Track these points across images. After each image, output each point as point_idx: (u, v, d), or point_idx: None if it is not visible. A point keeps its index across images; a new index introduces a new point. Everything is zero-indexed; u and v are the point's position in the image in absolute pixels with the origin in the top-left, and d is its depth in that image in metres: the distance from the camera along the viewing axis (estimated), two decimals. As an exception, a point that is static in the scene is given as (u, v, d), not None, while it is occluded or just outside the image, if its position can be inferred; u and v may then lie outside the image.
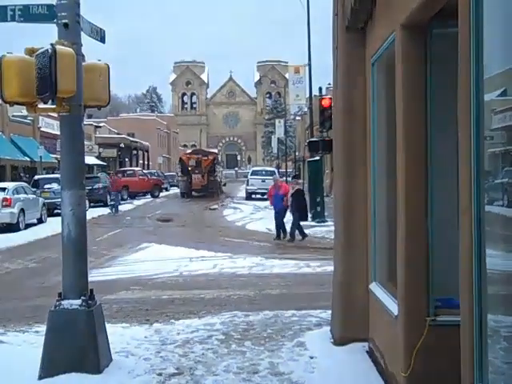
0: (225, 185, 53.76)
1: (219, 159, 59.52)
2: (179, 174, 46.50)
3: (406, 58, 5.28)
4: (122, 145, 60.05)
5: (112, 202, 32.58)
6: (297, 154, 68.36)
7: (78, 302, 6.09)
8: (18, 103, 6.30)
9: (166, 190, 54.34)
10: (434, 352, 5.06)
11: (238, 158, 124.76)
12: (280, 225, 19.97)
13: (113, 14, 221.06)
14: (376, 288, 6.67)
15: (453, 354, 4.07)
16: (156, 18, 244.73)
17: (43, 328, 6.77)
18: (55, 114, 6.44)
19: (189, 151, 51.50)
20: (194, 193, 43.23)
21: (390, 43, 5.84)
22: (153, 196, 45.18)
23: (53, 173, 36.43)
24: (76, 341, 6.05)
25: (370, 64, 6.86)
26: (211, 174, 44.19)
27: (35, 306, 10.30)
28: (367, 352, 6.93)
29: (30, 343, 7.66)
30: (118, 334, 7.93)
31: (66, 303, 6.12)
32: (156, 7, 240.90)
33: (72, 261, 6.23)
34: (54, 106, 6.20)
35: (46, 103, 6.18)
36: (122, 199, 39.26)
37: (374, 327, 6.86)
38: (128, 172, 46.78)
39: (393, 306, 5.72)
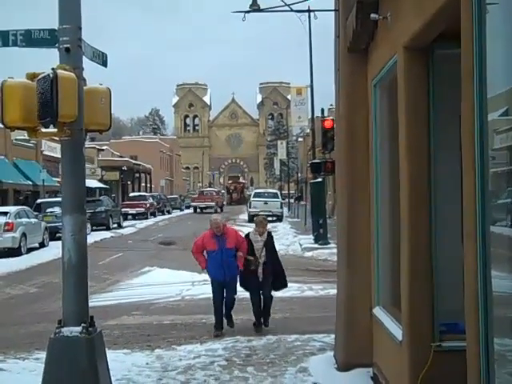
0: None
1: (247, 185, 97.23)
2: (225, 193, 79.15)
3: (408, 79, 5.26)
4: (125, 168, 60.12)
5: None
6: (299, 175, 68.36)
7: (78, 329, 5.99)
8: (19, 128, 6.27)
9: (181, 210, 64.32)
10: (440, 378, 4.96)
11: (241, 179, 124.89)
12: (230, 305, 10.20)
13: (115, 37, 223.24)
14: (380, 312, 6.58)
15: (459, 381, 3.98)
16: (158, 42, 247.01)
17: (43, 355, 6.66)
18: (57, 138, 6.39)
19: (230, 181, 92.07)
20: (232, 203, 72.67)
21: (392, 65, 5.83)
22: (222, 209, 56.50)
23: (55, 196, 36.40)
24: (76, 369, 5.94)
25: (372, 85, 6.84)
26: (242, 193, 77.74)
27: (36, 333, 10.20)
28: (372, 378, 6.82)
29: (30, 370, 7.58)
30: (119, 361, 7.84)
31: (65, 330, 6.02)
32: (158, 31, 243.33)
33: (72, 287, 6.14)
34: (55, 131, 6.17)
35: (47, 128, 6.14)
36: (215, 211, 48.20)
37: (378, 352, 6.76)
38: (209, 191, 64.02)
39: (397, 331, 5.63)
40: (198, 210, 55.70)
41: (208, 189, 72.58)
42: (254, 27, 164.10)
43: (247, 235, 10.40)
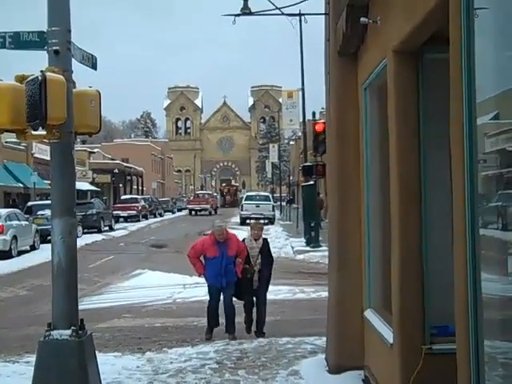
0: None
1: (240, 188, 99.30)
2: (219, 196, 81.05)
3: (398, 82, 5.27)
4: (116, 170, 59.97)
5: None
6: (291, 178, 68.51)
7: (68, 332, 5.95)
8: (8, 130, 6.23)
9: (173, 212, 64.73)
10: (431, 381, 4.96)
11: (233, 182, 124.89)
12: (231, 313, 9.94)
13: (108, 40, 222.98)
14: (371, 315, 6.58)
15: (450, 383, 3.98)
16: (151, 44, 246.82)
17: (34, 358, 6.63)
18: (47, 141, 6.36)
19: (224, 184, 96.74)
20: (226, 206, 74.85)
21: (381, 68, 5.84)
22: (216, 212, 58.77)
23: (46, 199, 36.19)
24: (66, 372, 5.91)
25: (362, 89, 6.85)
26: (235, 196, 79.80)
27: (26, 336, 10.15)
28: (363, 380, 6.82)
29: (20, 374, 7.53)
30: (110, 364, 7.80)
31: (55, 333, 5.98)
32: (152, 33, 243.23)
33: (62, 290, 6.11)
34: (44, 133, 6.14)
35: (36, 130, 6.11)
36: (210, 214, 53.50)
37: (369, 355, 6.76)
38: (204, 193, 66.04)
39: (388, 334, 5.63)
40: (193, 212, 56.64)
41: (203, 191, 74.85)
42: (246, 30, 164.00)
43: (242, 241, 10.04)
